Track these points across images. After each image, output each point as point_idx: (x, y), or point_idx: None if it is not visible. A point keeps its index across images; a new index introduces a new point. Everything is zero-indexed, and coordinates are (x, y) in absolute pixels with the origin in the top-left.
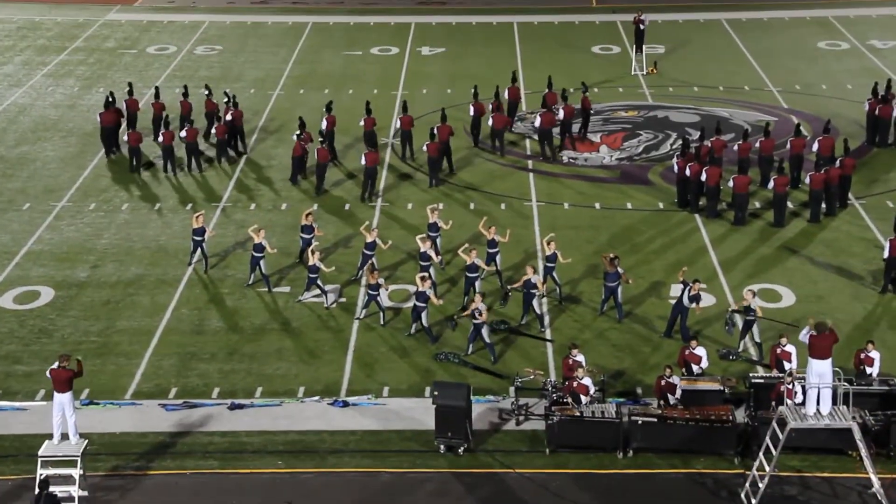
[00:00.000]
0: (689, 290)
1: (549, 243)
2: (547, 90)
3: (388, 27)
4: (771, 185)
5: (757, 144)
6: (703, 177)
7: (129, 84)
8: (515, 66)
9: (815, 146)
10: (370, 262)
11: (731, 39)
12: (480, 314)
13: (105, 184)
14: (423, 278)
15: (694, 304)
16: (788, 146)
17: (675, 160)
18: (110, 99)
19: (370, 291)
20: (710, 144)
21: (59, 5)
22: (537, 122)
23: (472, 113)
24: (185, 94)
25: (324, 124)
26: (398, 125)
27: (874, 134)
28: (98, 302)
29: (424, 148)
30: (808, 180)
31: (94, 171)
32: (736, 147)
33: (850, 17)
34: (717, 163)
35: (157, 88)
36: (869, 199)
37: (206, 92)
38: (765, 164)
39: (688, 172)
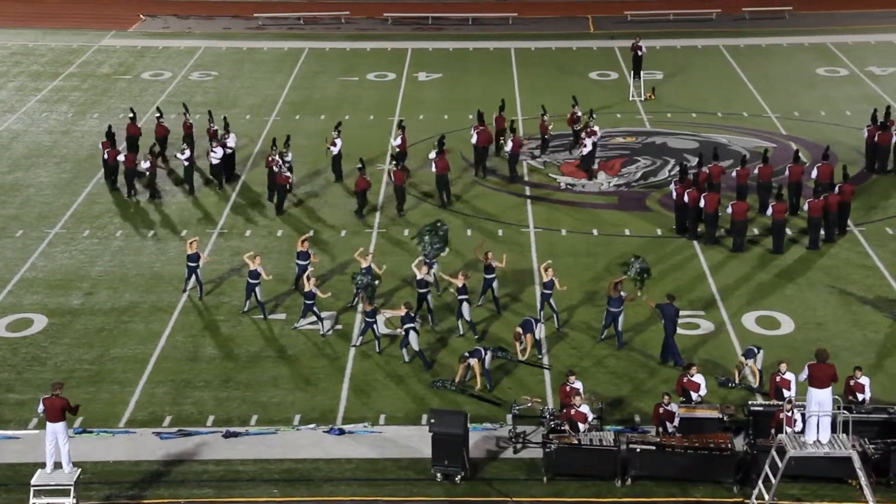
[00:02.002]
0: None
1: (546, 270)
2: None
3: (384, 53)
4: (769, 211)
5: (755, 171)
6: (702, 203)
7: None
8: (513, 92)
9: (814, 173)
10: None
11: (729, 66)
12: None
13: (99, 210)
14: (406, 304)
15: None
16: (787, 173)
17: (672, 186)
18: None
19: (367, 318)
20: (708, 171)
21: (53, 31)
22: (473, 140)
23: (474, 141)
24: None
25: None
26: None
27: (873, 160)
28: (92, 329)
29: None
30: (806, 207)
31: (87, 198)
32: (734, 173)
33: (849, 44)
34: (716, 189)
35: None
36: (868, 226)
37: (184, 111)
38: (763, 191)
39: (686, 199)
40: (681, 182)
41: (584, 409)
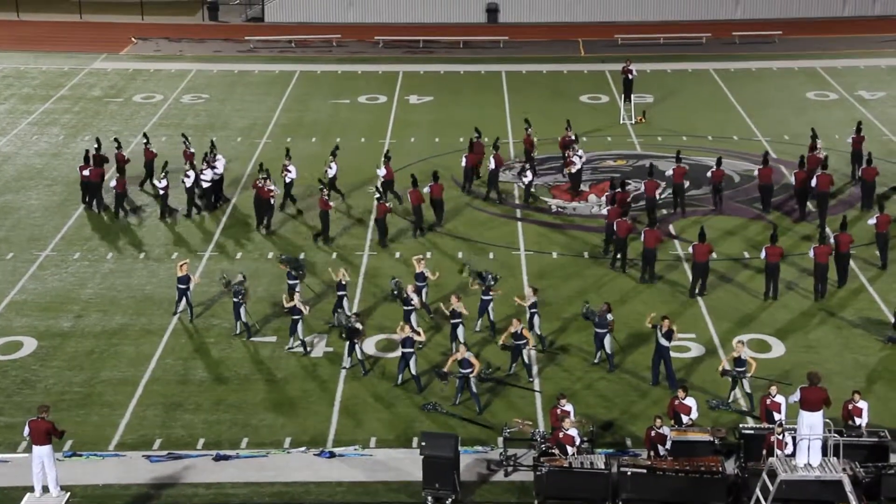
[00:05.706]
0: (661, 329)
1: (532, 292)
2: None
3: (375, 76)
4: (763, 254)
5: (755, 173)
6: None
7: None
8: (503, 116)
9: (814, 182)
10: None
11: (719, 89)
12: (470, 364)
13: (89, 233)
14: (402, 326)
15: (671, 342)
16: (793, 179)
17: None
18: (94, 151)
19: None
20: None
21: (45, 54)
22: (463, 162)
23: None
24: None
25: (382, 171)
26: (383, 173)
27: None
28: (82, 352)
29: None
30: (812, 254)
31: (78, 220)
32: (709, 174)
33: (838, 68)
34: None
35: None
36: (857, 249)
37: (145, 141)
38: (765, 192)
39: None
40: (613, 202)
41: (573, 432)
